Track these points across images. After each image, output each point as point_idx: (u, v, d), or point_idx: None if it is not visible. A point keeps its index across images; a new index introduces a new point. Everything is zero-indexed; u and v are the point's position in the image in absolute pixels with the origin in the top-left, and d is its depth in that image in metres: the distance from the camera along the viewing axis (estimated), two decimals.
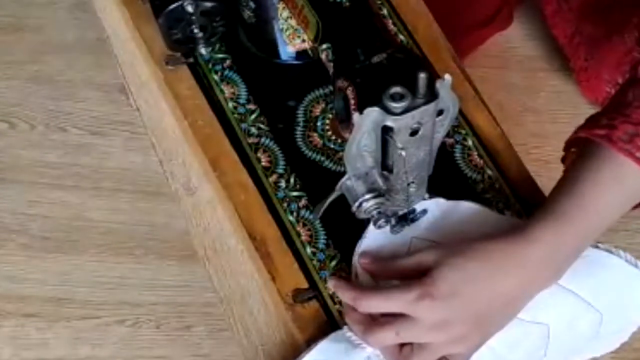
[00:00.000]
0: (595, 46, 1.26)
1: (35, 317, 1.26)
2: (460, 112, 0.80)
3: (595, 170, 0.67)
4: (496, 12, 1.32)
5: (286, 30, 0.79)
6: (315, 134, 0.80)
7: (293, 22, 0.78)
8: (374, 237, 0.73)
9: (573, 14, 1.29)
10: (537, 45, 1.43)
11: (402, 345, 0.68)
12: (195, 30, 0.78)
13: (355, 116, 0.58)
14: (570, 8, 1.28)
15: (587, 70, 1.30)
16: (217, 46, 0.83)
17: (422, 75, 0.56)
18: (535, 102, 1.38)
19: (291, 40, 0.80)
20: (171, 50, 0.80)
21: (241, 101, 0.81)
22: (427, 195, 0.70)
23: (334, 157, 0.79)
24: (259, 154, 0.79)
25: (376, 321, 0.68)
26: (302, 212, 0.76)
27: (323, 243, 0.75)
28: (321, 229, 0.76)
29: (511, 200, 0.78)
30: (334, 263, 0.75)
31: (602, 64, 1.26)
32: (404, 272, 0.69)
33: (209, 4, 0.76)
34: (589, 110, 1.37)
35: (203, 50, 0.81)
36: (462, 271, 0.66)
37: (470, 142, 0.80)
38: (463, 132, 0.81)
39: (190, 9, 0.75)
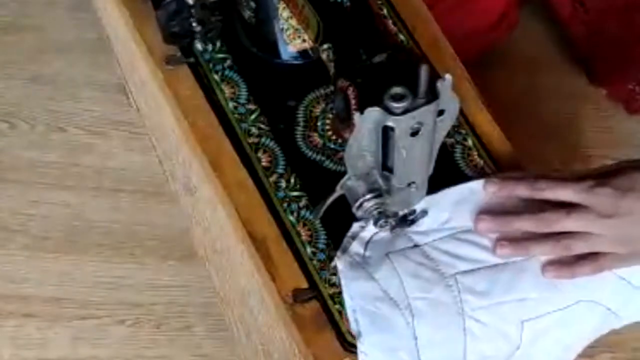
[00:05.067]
0: (619, 46, 1.29)
1: (35, 317, 1.26)
2: (461, 112, 0.80)
3: None
4: (501, 16, 1.33)
5: (287, 30, 0.79)
6: (315, 134, 0.80)
7: (293, 22, 0.78)
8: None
9: (590, 15, 1.30)
10: (538, 45, 1.43)
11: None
12: (194, 24, 0.78)
13: (356, 116, 0.58)
14: (586, 10, 1.30)
15: (609, 70, 1.32)
16: (218, 46, 0.83)
17: (424, 67, 0.55)
18: (536, 102, 1.38)
19: (291, 40, 0.80)
20: (167, 44, 0.80)
21: (241, 101, 0.81)
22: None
23: (334, 157, 0.79)
24: (259, 154, 0.79)
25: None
26: (302, 212, 0.76)
27: (323, 243, 0.75)
28: (321, 229, 0.76)
29: None
30: (334, 263, 0.75)
31: (627, 63, 1.28)
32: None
33: None
34: (590, 109, 1.38)
35: (199, 46, 0.81)
36: None
37: (470, 142, 0.80)
38: (463, 132, 0.81)
39: (190, 1, 0.75)
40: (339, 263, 0.72)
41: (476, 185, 0.74)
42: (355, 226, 0.73)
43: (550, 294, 0.71)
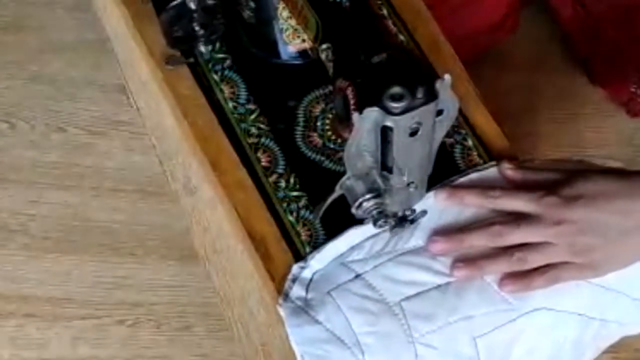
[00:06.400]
0: (619, 48, 1.29)
1: (35, 317, 1.26)
2: (460, 112, 0.80)
3: None
4: (504, 17, 1.33)
5: (286, 30, 0.79)
6: (315, 134, 0.80)
7: (293, 22, 0.78)
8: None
9: (591, 18, 1.31)
10: (538, 45, 1.43)
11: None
12: (197, 28, 0.78)
13: (355, 116, 0.58)
14: (587, 11, 1.31)
15: (610, 72, 1.32)
16: (217, 46, 0.83)
17: (422, 88, 0.56)
18: (535, 102, 1.38)
19: (291, 40, 0.80)
20: (171, 48, 0.80)
21: (241, 101, 0.81)
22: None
23: (334, 157, 0.79)
24: (258, 154, 0.79)
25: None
26: (302, 212, 0.76)
27: (323, 243, 0.75)
28: (321, 229, 0.76)
29: None
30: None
31: (627, 65, 1.28)
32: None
33: (211, 1, 0.76)
34: (590, 109, 1.38)
35: (203, 49, 0.81)
36: (594, 182, 0.67)
37: (470, 142, 0.80)
38: (463, 132, 0.80)
39: (192, 5, 0.75)
40: (282, 311, 0.71)
41: None
42: (295, 267, 0.72)
43: (497, 307, 0.70)
